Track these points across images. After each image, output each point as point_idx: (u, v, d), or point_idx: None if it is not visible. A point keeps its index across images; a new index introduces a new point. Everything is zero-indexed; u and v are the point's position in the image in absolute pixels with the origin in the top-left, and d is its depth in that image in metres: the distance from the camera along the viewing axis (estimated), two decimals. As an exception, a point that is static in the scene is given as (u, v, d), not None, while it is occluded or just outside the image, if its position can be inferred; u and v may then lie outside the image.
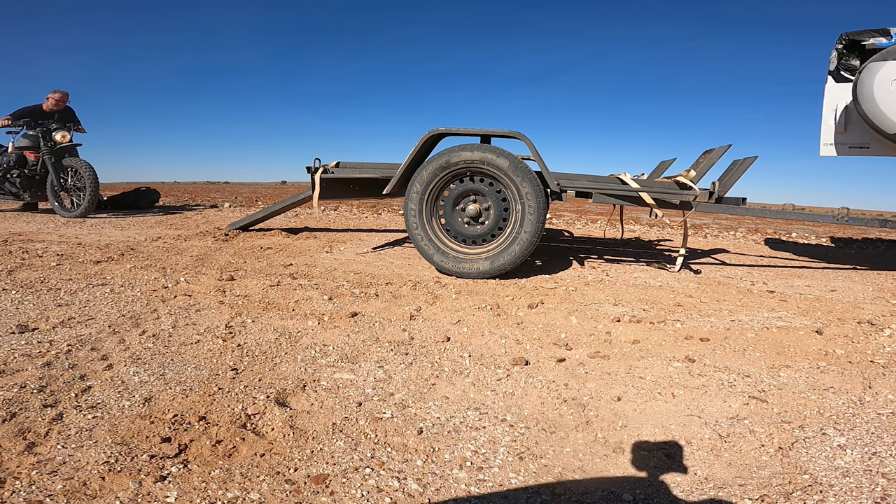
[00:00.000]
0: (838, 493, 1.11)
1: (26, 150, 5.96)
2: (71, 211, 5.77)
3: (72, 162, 5.84)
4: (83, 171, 5.75)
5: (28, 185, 6.09)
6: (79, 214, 5.68)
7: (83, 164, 5.80)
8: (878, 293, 3.00)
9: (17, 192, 6.13)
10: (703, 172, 3.22)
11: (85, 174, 5.73)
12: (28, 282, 2.55)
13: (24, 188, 6.08)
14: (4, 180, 6.12)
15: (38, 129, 5.83)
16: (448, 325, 2.14)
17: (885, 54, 3.14)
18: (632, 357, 1.86)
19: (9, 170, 6.03)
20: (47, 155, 5.75)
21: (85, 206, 5.66)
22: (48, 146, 5.76)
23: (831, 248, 5.30)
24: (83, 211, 5.67)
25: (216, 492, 1.05)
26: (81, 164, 5.79)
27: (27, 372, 1.52)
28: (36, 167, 5.99)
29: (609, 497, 1.11)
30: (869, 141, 3.42)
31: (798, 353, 1.92)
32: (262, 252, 3.66)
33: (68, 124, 6.00)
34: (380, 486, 1.10)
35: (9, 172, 6.04)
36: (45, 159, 5.75)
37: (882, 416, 1.45)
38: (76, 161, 5.85)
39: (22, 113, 6.02)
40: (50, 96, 6.13)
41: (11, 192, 6.18)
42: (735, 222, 7.32)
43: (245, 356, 1.73)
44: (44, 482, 1.04)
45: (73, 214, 5.69)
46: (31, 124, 5.89)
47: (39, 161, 5.95)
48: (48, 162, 5.75)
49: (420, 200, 3.10)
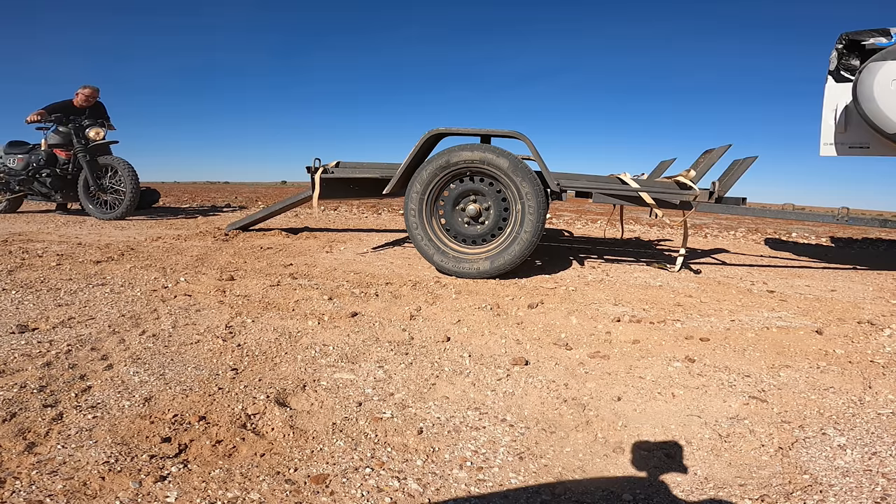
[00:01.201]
0: (838, 493, 1.11)
1: (57, 147, 5.63)
2: (108, 213, 5.39)
3: (109, 160, 5.48)
4: (122, 170, 5.37)
5: (59, 185, 5.71)
6: (117, 216, 5.33)
7: (121, 163, 5.42)
8: (878, 293, 3.00)
9: (48, 192, 5.77)
10: (703, 172, 3.22)
11: (124, 173, 5.35)
12: (28, 282, 2.55)
13: (54, 188, 5.71)
14: (34, 180, 5.75)
15: (70, 125, 5.46)
16: (448, 325, 2.14)
17: (885, 54, 3.14)
18: (632, 357, 1.86)
19: (39, 169, 5.66)
20: (81, 153, 5.39)
21: (124, 207, 5.31)
22: (81, 143, 5.41)
23: (831, 248, 5.30)
24: (122, 213, 5.32)
25: (216, 492, 1.05)
26: (120, 163, 5.42)
27: (27, 372, 1.52)
28: (68, 166, 5.65)
29: (609, 497, 1.11)
30: (869, 141, 3.42)
31: (798, 353, 1.92)
32: (262, 252, 3.66)
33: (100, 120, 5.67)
34: (380, 486, 1.10)
35: (39, 172, 5.67)
36: (80, 157, 5.39)
37: (882, 416, 1.45)
38: (113, 159, 5.49)
39: (53, 108, 5.62)
40: (80, 91, 5.75)
41: (41, 193, 5.83)
42: (735, 222, 7.31)
43: (245, 356, 1.73)
44: (44, 482, 1.04)
45: (110, 216, 5.34)
46: (63, 120, 5.52)
47: (72, 159, 5.61)
48: (82, 160, 5.38)
49: (420, 200, 3.10)
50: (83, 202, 5.52)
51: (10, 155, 5.92)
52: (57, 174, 5.65)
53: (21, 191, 5.92)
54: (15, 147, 5.99)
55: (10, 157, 5.91)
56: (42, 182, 5.72)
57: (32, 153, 5.77)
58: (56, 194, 5.77)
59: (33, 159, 5.71)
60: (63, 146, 5.62)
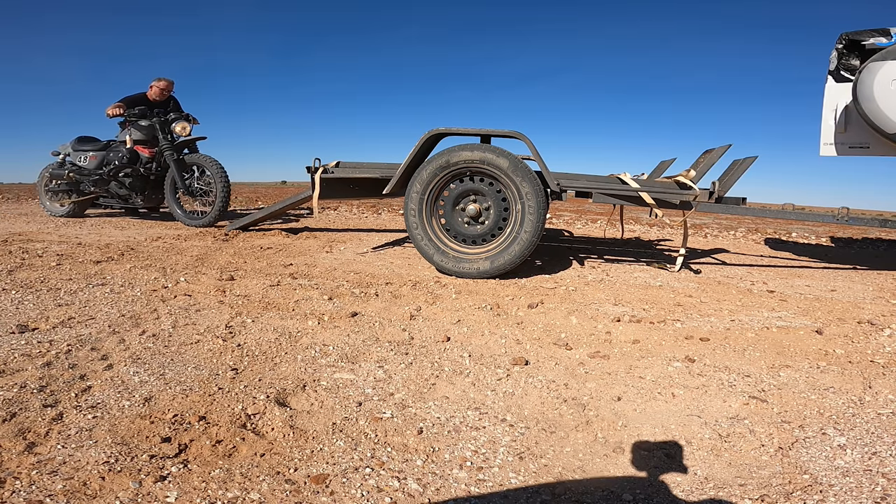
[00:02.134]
0: (838, 493, 1.11)
1: (138, 144, 5.02)
2: (197, 218, 4.84)
3: (195, 158, 4.90)
4: (211, 170, 4.79)
5: (141, 187, 5.08)
6: (207, 223, 4.79)
7: (211, 161, 4.82)
8: (878, 293, 3.00)
9: (127, 194, 5.14)
10: (703, 172, 3.22)
11: (214, 172, 4.77)
12: (28, 282, 2.55)
13: (135, 190, 5.08)
14: (111, 180, 5.08)
15: (154, 119, 4.89)
16: (448, 325, 2.14)
17: (884, 54, 3.14)
18: (632, 357, 1.86)
19: (120, 168, 4.98)
20: (168, 150, 4.83)
21: (216, 211, 4.75)
22: (168, 140, 4.85)
23: (831, 247, 5.30)
24: (213, 218, 4.78)
25: (216, 492, 1.05)
26: (209, 161, 4.83)
27: (27, 372, 1.52)
28: (151, 165, 5.01)
29: (609, 497, 1.11)
30: (869, 141, 3.42)
31: (798, 353, 1.92)
32: (262, 252, 3.66)
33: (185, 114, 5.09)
34: (380, 486, 1.10)
35: (120, 171, 5.00)
36: (167, 155, 4.82)
37: (882, 416, 1.45)
38: (200, 157, 4.90)
39: (130, 101, 5.08)
40: (154, 84, 5.21)
41: (119, 195, 5.19)
42: (735, 222, 7.31)
43: (245, 356, 1.73)
44: (44, 482, 1.04)
45: (200, 223, 4.81)
46: (147, 113, 4.94)
47: (156, 158, 5.00)
48: (170, 158, 4.80)
49: (420, 200, 3.10)
50: (171, 206, 4.97)
51: (81, 152, 5.35)
52: (140, 174, 5.03)
53: (94, 193, 5.29)
54: (86, 143, 5.39)
55: (81, 154, 5.34)
56: (121, 183, 5.06)
57: (111, 150, 5.17)
58: (137, 197, 5.16)
59: (112, 157, 5.10)
60: (145, 143, 5.04)
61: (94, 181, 5.17)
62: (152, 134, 4.97)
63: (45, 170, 5.66)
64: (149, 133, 4.99)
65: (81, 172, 5.24)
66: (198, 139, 5.06)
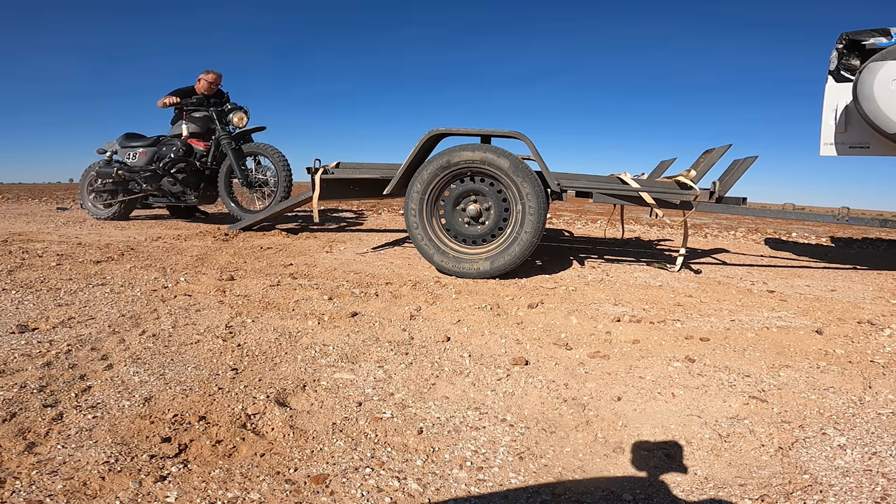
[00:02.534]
0: (838, 493, 1.11)
1: (193, 137, 4.75)
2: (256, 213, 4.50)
3: (254, 147, 4.60)
4: (272, 157, 4.45)
5: (195, 183, 4.80)
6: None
7: (271, 150, 4.50)
8: (878, 293, 3.00)
9: (181, 191, 4.85)
10: (703, 172, 3.22)
11: (275, 161, 4.44)
12: (28, 282, 2.55)
13: (189, 186, 4.81)
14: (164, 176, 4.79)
15: (211, 109, 4.65)
16: (448, 325, 2.14)
17: (885, 54, 3.14)
18: (632, 357, 1.86)
19: (174, 162, 4.68)
20: (226, 139, 4.54)
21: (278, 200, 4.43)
22: (226, 130, 4.59)
23: (831, 247, 5.29)
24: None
25: (216, 492, 1.05)
26: (269, 149, 4.50)
27: (27, 372, 1.52)
28: (206, 158, 4.72)
29: (609, 497, 1.11)
30: (869, 140, 3.41)
31: (798, 353, 1.92)
32: (262, 252, 3.66)
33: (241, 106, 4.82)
34: (380, 486, 1.10)
35: (174, 166, 4.70)
36: (224, 143, 4.52)
37: (882, 416, 1.45)
38: (260, 145, 4.59)
39: (183, 93, 4.84)
40: (202, 77, 4.95)
41: (171, 193, 4.91)
42: (735, 222, 7.31)
43: (245, 356, 1.73)
44: (44, 482, 1.04)
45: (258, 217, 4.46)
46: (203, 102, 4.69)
47: (210, 150, 4.72)
48: (227, 147, 4.49)
49: (420, 200, 3.10)
50: (225, 200, 4.69)
51: (130, 149, 5.09)
52: (195, 168, 4.75)
53: (144, 191, 5.01)
54: (134, 139, 5.15)
55: (129, 151, 5.09)
56: (175, 178, 4.77)
57: (162, 145, 4.88)
58: (190, 194, 4.87)
59: (165, 151, 4.78)
60: (199, 136, 4.76)
61: (145, 178, 4.90)
62: (207, 126, 4.74)
63: (90, 169, 5.40)
64: (203, 125, 4.75)
65: (131, 170, 4.98)
66: (256, 130, 4.77)
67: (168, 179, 4.83)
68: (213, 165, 4.77)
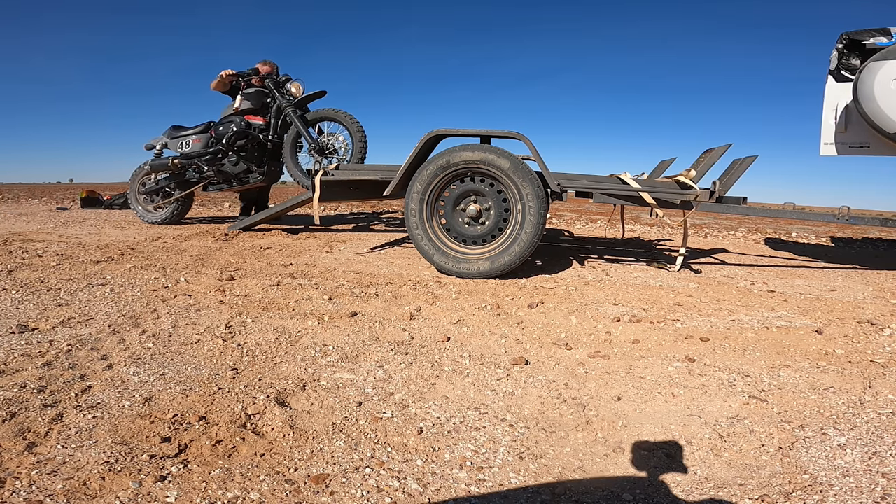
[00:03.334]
0: (838, 493, 1.11)
1: (249, 114, 4.59)
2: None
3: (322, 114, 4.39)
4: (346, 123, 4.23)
5: (258, 158, 4.61)
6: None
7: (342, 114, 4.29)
8: (878, 293, 3.00)
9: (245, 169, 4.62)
10: (703, 172, 3.21)
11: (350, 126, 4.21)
12: (28, 282, 2.55)
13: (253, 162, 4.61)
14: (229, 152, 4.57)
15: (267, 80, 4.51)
16: (448, 325, 2.14)
17: (885, 54, 3.14)
18: (632, 357, 1.86)
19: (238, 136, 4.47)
20: (290, 107, 4.35)
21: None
22: (287, 99, 4.41)
23: (831, 247, 5.29)
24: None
25: (216, 492, 1.05)
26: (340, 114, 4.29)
27: (27, 372, 1.52)
28: (267, 131, 4.54)
29: (609, 497, 1.11)
30: (869, 140, 3.41)
31: (798, 353, 1.92)
32: (262, 252, 3.66)
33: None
34: (380, 486, 1.10)
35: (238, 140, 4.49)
36: (289, 113, 4.33)
37: (882, 416, 1.45)
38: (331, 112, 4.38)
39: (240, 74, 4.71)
40: (259, 67, 4.86)
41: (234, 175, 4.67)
42: (735, 222, 7.32)
43: (245, 356, 1.73)
44: (44, 482, 1.04)
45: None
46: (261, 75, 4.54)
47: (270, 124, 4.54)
48: (293, 115, 4.28)
49: (420, 200, 3.10)
50: (293, 171, 4.44)
51: (180, 138, 4.91)
52: (258, 142, 4.56)
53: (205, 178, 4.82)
54: (182, 130, 4.98)
55: (180, 140, 4.90)
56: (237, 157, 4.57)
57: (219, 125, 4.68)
58: (255, 171, 4.67)
59: (223, 131, 4.59)
60: (254, 111, 4.62)
61: (206, 160, 4.69)
62: (261, 101, 4.63)
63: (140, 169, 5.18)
64: (257, 100, 4.63)
65: (188, 156, 4.78)
66: (316, 96, 4.53)
67: (230, 159, 4.64)
68: (275, 138, 4.56)
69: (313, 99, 4.57)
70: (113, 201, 7.00)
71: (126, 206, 7.03)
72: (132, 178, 5.23)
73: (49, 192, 9.68)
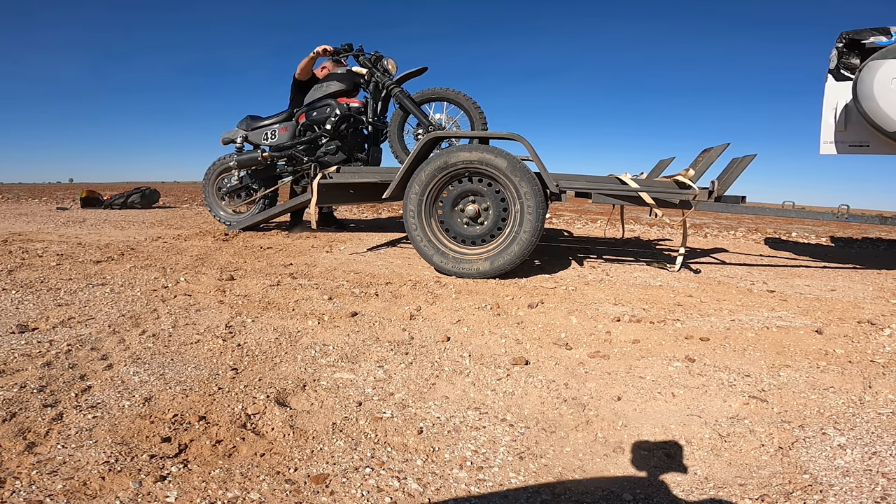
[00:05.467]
0: (838, 493, 1.11)
1: (341, 96, 4.18)
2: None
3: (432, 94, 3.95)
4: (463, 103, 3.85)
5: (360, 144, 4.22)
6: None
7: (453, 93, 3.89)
8: (878, 293, 3.00)
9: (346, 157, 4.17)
10: (702, 171, 3.22)
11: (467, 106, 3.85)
12: (28, 281, 2.55)
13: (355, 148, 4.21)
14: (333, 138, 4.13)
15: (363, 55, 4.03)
16: (448, 325, 2.14)
17: (885, 53, 3.14)
18: (632, 357, 1.86)
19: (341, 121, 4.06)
20: (398, 89, 3.93)
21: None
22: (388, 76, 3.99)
23: (831, 247, 5.29)
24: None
25: (216, 492, 1.04)
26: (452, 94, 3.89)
27: (27, 372, 1.52)
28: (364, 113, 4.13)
29: (609, 497, 1.11)
30: (869, 139, 3.41)
31: (798, 353, 1.92)
32: (262, 252, 3.66)
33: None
34: (380, 486, 1.10)
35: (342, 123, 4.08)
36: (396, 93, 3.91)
37: (882, 416, 1.45)
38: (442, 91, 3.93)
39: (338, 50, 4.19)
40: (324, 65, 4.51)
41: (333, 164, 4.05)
42: (735, 222, 7.31)
43: (245, 356, 1.73)
44: (44, 482, 1.04)
45: None
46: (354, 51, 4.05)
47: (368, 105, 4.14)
48: (403, 97, 3.88)
49: (419, 201, 3.10)
50: (400, 155, 4.03)
51: (262, 129, 4.43)
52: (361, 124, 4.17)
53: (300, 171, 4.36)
54: (259, 119, 4.51)
55: (263, 131, 4.42)
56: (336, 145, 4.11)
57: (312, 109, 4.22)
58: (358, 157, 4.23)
59: (318, 116, 4.16)
60: (346, 93, 4.20)
61: (303, 150, 4.23)
62: (352, 81, 4.19)
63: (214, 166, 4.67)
64: (349, 80, 4.18)
65: (279, 148, 4.30)
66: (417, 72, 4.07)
67: (329, 147, 4.16)
68: (377, 121, 4.18)
69: (413, 76, 4.13)
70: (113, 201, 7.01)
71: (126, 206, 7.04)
72: (206, 179, 4.72)
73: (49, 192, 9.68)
